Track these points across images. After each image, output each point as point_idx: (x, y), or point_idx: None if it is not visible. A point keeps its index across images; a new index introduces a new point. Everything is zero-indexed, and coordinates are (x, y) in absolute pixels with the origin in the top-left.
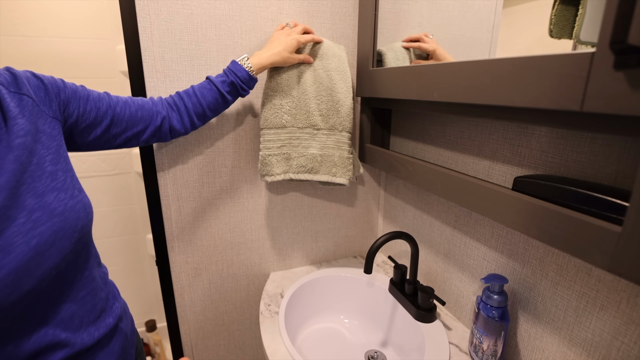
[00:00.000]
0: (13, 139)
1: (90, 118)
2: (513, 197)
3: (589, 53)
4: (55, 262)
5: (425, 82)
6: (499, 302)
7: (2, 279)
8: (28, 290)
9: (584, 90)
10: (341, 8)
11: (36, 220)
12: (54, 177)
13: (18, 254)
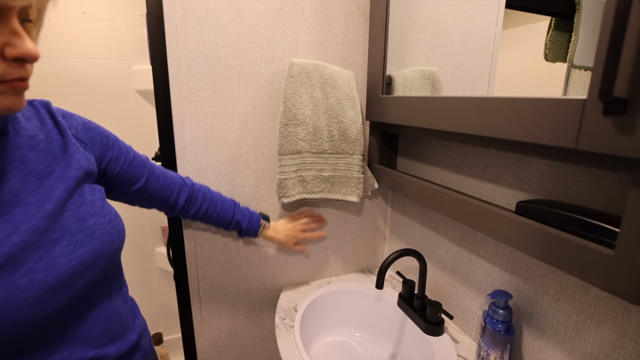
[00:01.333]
0: (68, 171)
1: (124, 179)
2: (516, 220)
3: (582, 100)
4: (87, 282)
5: (434, 112)
6: (504, 317)
7: (40, 295)
8: (59, 307)
9: (578, 130)
10: (352, 39)
11: (77, 243)
12: (93, 205)
13: (58, 273)
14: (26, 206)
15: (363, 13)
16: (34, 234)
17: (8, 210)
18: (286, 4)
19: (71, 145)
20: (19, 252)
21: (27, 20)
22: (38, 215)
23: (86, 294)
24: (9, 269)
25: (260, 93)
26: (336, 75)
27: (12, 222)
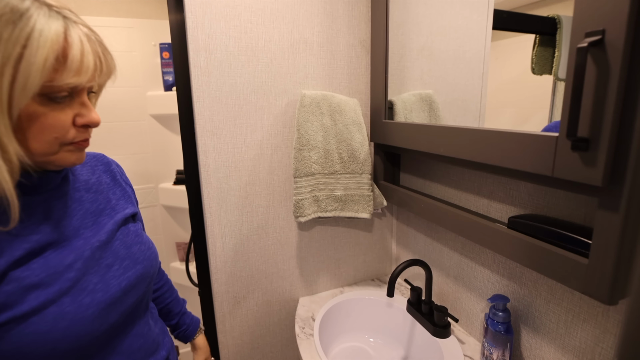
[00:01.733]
0: (116, 213)
1: None
2: (508, 234)
3: (555, 137)
4: (132, 301)
5: (433, 138)
6: (504, 318)
7: (99, 312)
8: (112, 323)
9: (553, 162)
10: (355, 70)
11: (125, 267)
12: (136, 234)
13: (112, 293)
14: (85, 238)
15: (364, 46)
16: (92, 260)
17: (71, 243)
18: (296, 43)
19: (120, 188)
20: (81, 276)
21: (91, 92)
22: (95, 245)
23: (130, 313)
24: (76, 290)
25: (275, 122)
26: (343, 103)
27: (75, 252)
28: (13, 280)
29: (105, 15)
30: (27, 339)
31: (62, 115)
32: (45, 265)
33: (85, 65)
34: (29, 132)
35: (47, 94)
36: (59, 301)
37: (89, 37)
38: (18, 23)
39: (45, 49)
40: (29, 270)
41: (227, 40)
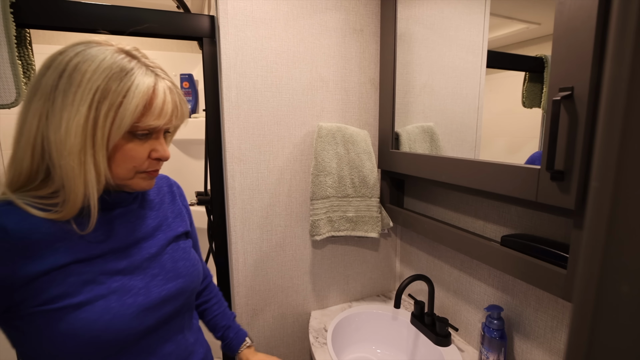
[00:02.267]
0: (170, 230)
1: None
2: (501, 250)
3: (537, 169)
4: (170, 310)
5: (435, 167)
6: (498, 326)
7: (138, 313)
8: (148, 325)
9: (536, 189)
10: (366, 104)
11: (169, 279)
12: (184, 251)
13: (152, 299)
14: (140, 249)
15: (374, 84)
16: (140, 269)
17: (128, 252)
18: (314, 81)
19: (177, 207)
20: (128, 281)
21: (167, 132)
22: (145, 256)
23: (166, 320)
24: (122, 291)
25: (294, 150)
26: (355, 134)
27: (128, 260)
28: (75, 274)
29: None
30: (79, 324)
31: (141, 149)
32: (102, 267)
33: (164, 111)
34: (114, 160)
35: (132, 132)
36: (107, 297)
37: (171, 90)
38: (123, 79)
39: (138, 99)
40: (89, 267)
41: (255, 79)
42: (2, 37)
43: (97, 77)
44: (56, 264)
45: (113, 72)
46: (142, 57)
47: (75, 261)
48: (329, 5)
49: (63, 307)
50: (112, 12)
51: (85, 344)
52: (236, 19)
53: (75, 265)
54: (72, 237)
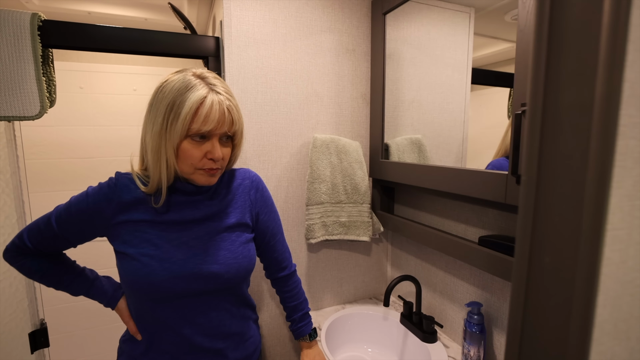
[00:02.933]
0: (226, 217)
1: (259, 236)
2: (479, 249)
3: (505, 174)
4: (201, 287)
5: (421, 175)
6: (478, 320)
7: (169, 277)
8: (177, 292)
9: (505, 192)
10: (358, 117)
11: (205, 261)
12: (232, 243)
13: (184, 272)
14: (191, 230)
15: (365, 99)
16: (186, 245)
17: (184, 229)
18: (310, 96)
19: (242, 202)
20: (173, 251)
21: (228, 137)
22: (193, 237)
23: (198, 294)
24: (165, 256)
25: (291, 160)
26: (347, 145)
27: (181, 235)
28: (140, 230)
29: (140, 65)
30: (130, 268)
31: (197, 150)
32: (159, 233)
33: (210, 118)
34: (179, 157)
35: (189, 135)
36: (152, 256)
37: (221, 102)
38: (185, 94)
39: (188, 108)
40: (150, 229)
41: (255, 94)
42: (30, 56)
43: (169, 95)
44: (132, 218)
45: (179, 89)
46: (210, 77)
47: (143, 220)
48: (323, 28)
49: (124, 252)
50: (127, 34)
51: (131, 283)
52: (239, 40)
53: (143, 223)
54: (149, 206)
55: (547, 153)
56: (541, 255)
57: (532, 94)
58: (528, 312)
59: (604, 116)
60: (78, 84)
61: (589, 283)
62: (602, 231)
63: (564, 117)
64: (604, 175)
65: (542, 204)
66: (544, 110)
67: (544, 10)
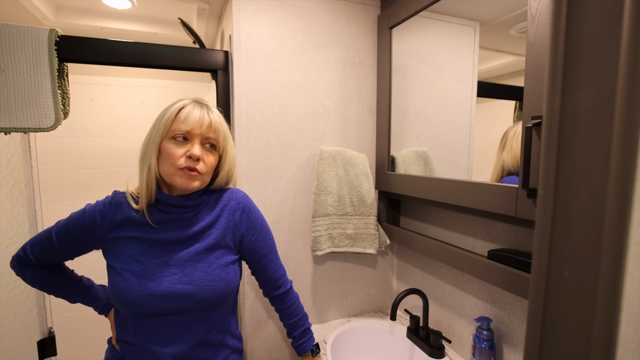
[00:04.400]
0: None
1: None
2: (488, 263)
3: (515, 187)
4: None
5: (428, 188)
6: (488, 336)
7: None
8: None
9: (515, 205)
10: (364, 129)
11: (180, 281)
12: (210, 265)
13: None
14: (174, 250)
15: (371, 111)
16: (165, 264)
17: (167, 251)
18: (317, 109)
19: (221, 222)
20: (153, 269)
21: (210, 144)
22: (176, 257)
23: (173, 313)
24: (144, 274)
25: (298, 172)
26: (354, 157)
27: (164, 254)
28: (128, 247)
29: (148, 78)
30: (112, 280)
31: (178, 150)
32: (144, 251)
33: (189, 119)
34: (160, 159)
35: (172, 137)
36: (132, 272)
37: (201, 106)
38: (173, 105)
39: (171, 111)
40: (137, 247)
41: (263, 106)
42: (47, 70)
43: (163, 111)
44: (122, 235)
45: (171, 104)
46: (203, 100)
47: (132, 237)
48: (330, 42)
49: (112, 265)
50: (139, 48)
51: (113, 296)
52: (248, 54)
53: (131, 240)
54: (139, 224)
55: (565, 166)
56: (560, 271)
57: (548, 105)
58: (546, 329)
59: (625, 128)
60: (89, 97)
61: (611, 300)
62: (624, 246)
63: (582, 129)
64: (626, 188)
65: (560, 218)
66: (561, 121)
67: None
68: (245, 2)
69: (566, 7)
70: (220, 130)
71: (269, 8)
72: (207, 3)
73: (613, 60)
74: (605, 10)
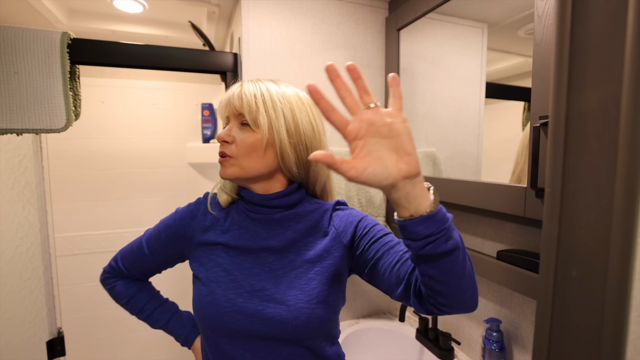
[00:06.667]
0: (306, 249)
1: (360, 261)
2: (497, 264)
3: (524, 187)
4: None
5: (437, 188)
6: (497, 338)
7: (232, 311)
8: (236, 328)
9: (524, 205)
10: None
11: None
12: (308, 282)
13: (248, 307)
14: (266, 259)
15: None
16: (250, 277)
17: (258, 259)
18: None
19: (320, 231)
20: (242, 279)
21: (245, 123)
22: (267, 269)
23: (256, 337)
24: (233, 286)
25: None
26: None
27: (255, 263)
28: (214, 254)
29: (158, 80)
30: (197, 291)
31: None
32: (232, 259)
33: (222, 99)
34: None
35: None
36: (219, 282)
37: (245, 85)
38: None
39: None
40: (224, 254)
41: None
42: (59, 72)
43: None
44: (209, 240)
45: None
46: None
47: (218, 243)
48: (338, 44)
49: (198, 275)
50: (150, 50)
51: (196, 311)
52: (257, 56)
53: (218, 247)
54: (224, 228)
55: (572, 164)
56: (568, 269)
57: (554, 103)
58: (555, 329)
59: (632, 125)
60: (100, 99)
61: (620, 298)
62: (632, 244)
63: (589, 127)
64: (633, 185)
65: (568, 217)
66: (567, 120)
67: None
68: (255, 5)
69: (571, 7)
70: (251, 101)
71: (278, 10)
72: (217, 6)
73: (618, 58)
74: (610, 9)
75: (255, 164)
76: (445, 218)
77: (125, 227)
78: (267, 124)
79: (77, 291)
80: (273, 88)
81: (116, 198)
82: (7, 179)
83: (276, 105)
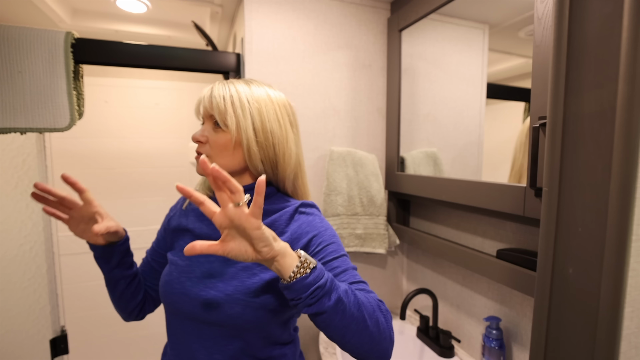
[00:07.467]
0: None
1: None
2: (497, 262)
3: (524, 187)
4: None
5: (437, 188)
6: (497, 335)
7: (181, 292)
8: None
9: (523, 204)
10: (374, 130)
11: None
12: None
13: (193, 291)
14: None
15: (381, 113)
16: (204, 264)
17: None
18: (327, 110)
19: (276, 230)
20: (196, 265)
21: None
22: (220, 258)
23: (201, 320)
24: (187, 270)
25: (308, 172)
26: (364, 158)
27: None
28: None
29: (161, 79)
30: (162, 269)
31: None
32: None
33: (195, 105)
34: None
35: None
36: (177, 265)
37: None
38: None
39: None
40: (189, 240)
41: None
42: (62, 72)
43: None
44: (180, 225)
45: None
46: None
47: (188, 230)
48: (340, 44)
49: (168, 256)
50: (153, 50)
51: (159, 287)
52: (259, 56)
53: (187, 233)
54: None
55: (569, 164)
56: (564, 267)
57: (552, 105)
58: (552, 325)
59: (627, 126)
60: (103, 98)
61: (614, 295)
62: (627, 242)
63: (585, 129)
64: (628, 185)
65: (565, 215)
66: (565, 121)
67: (562, 27)
68: (257, 5)
69: (568, 9)
70: (220, 103)
71: (281, 11)
72: (220, 6)
73: (614, 61)
74: (606, 12)
75: (226, 162)
76: (304, 289)
77: (128, 225)
78: (235, 124)
79: (80, 290)
80: (242, 89)
81: (119, 197)
82: (10, 178)
83: (244, 105)
